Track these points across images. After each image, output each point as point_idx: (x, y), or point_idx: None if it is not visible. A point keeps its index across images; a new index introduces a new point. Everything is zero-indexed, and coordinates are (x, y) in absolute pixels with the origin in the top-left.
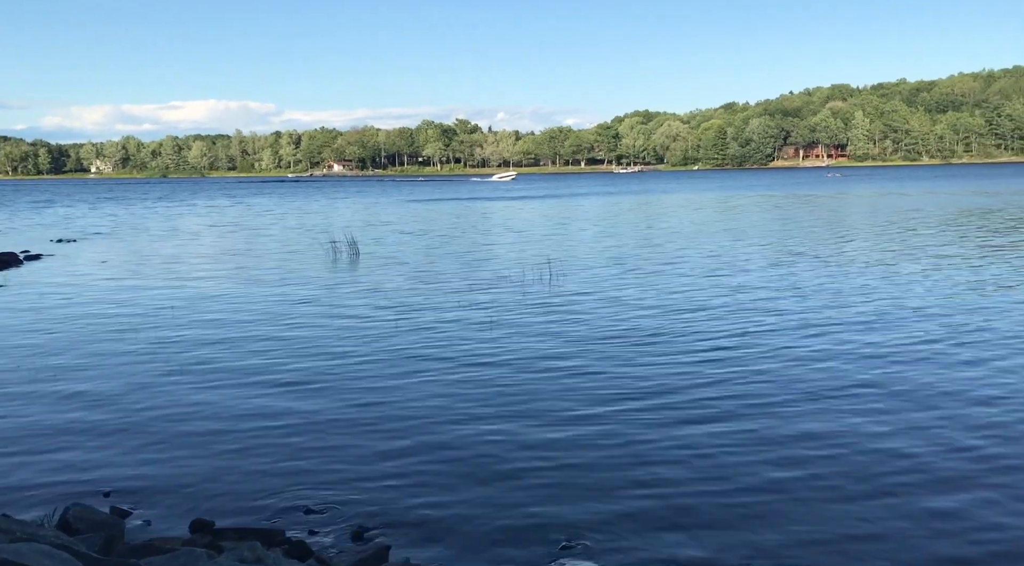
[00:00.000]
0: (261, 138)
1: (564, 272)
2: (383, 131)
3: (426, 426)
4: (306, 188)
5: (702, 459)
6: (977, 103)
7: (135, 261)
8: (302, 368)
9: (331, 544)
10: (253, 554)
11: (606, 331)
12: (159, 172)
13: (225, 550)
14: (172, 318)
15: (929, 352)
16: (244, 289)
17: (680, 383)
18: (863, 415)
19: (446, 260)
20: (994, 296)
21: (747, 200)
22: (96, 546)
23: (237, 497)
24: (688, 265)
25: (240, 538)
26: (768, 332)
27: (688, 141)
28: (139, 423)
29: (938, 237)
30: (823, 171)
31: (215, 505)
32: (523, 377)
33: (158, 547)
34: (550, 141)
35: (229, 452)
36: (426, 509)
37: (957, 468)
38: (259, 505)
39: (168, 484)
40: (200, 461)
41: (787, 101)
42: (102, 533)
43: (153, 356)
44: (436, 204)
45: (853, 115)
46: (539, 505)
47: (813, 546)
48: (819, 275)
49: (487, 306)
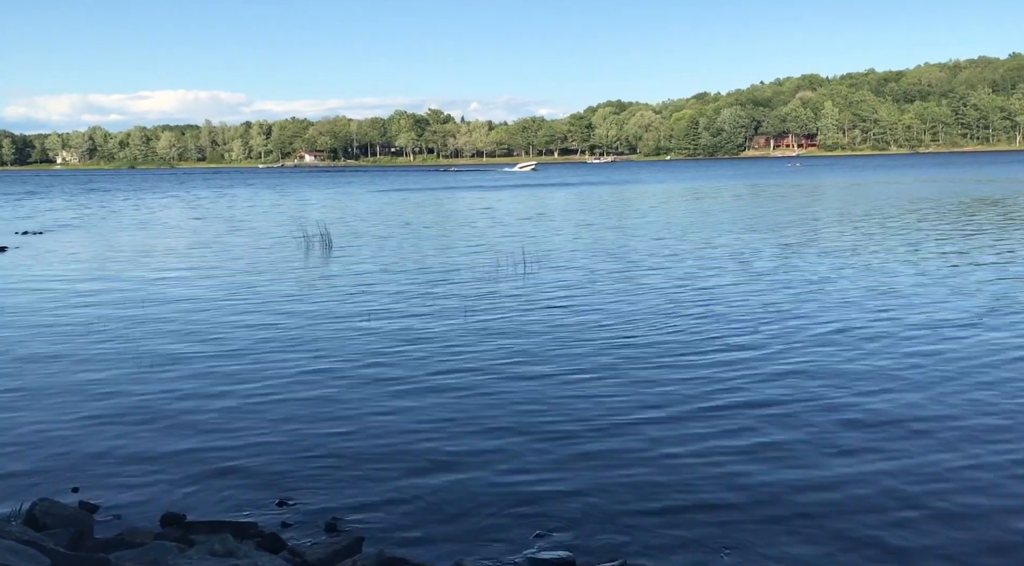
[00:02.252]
0: (231, 129)
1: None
2: (355, 121)
3: (399, 419)
4: (298, 179)
5: (673, 447)
6: (944, 93)
7: (102, 254)
8: (273, 362)
9: (304, 536)
10: (224, 547)
11: (583, 323)
12: (127, 163)
13: (196, 543)
14: (139, 311)
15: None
16: (213, 282)
17: (648, 373)
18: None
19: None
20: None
21: (686, 190)
22: (64, 541)
23: (209, 491)
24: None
25: (212, 531)
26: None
27: (660, 131)
28: (106, 417)
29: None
30: (784, 161)
31: (187, 499)
32: (495, 369)
33: (128, 541)
34: (523, 131)
35: (200, 446)
36: (400, 501)
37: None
38: (232, 498)
39: (138, 478)
40: (171, 455)
41: (758, 91)
42: (70, 528)
43: (120, 350)
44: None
45: (823, 105)
46: (512, 495)
47: (777, 533)
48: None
49: (471, 296)
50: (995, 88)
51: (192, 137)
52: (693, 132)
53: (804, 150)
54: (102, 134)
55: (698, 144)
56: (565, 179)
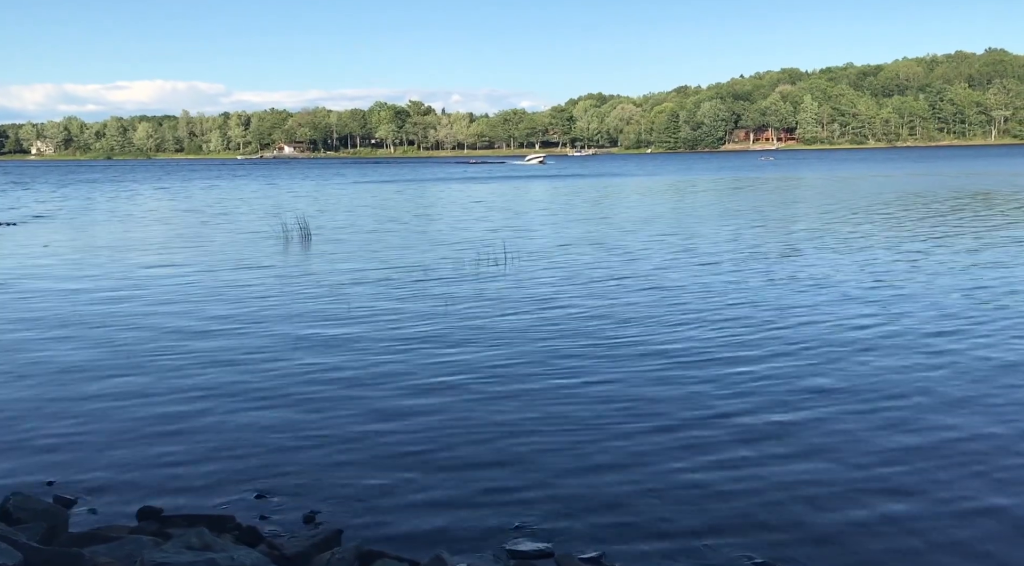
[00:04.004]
0: (209, 119)
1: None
2: (335, 112)
3: (378, 411)
4: (287, 170)
5: (650, 440)
6: (921, 88)
7: (78, 246)
8: (250, 354)
9: (282, 529)
10: (201, 540)
11: (565, 317)
12: (104, 154)
13: (173, 537)
14: (114, 304)
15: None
16: (190, 276)
17: (615, 367)
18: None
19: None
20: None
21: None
22: (38, 536)
23: (187, 484)
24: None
25: (189, 524)
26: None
27: (641, 124)
28: (82, 411)
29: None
30: (757, 155)
31: (164, 492)
32: (475, 363)
33: (103, 536)
34: (504, 123)
35: (177, 439)
36: (379, 494)
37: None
38: (209, 492)
39: (114, 472)
40: (147, 448)
41: (738, 85)
42: (44, 523)
43: (96, 343)
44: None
45: (802, 99)
46: (491, 489)
47: (753, 525)
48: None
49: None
50: (971, 83)
51: (170, 128)
52: (674, 125)
53: (784, 144)
54: (78, 124)
55: (678, 137)
56: (575, 171)
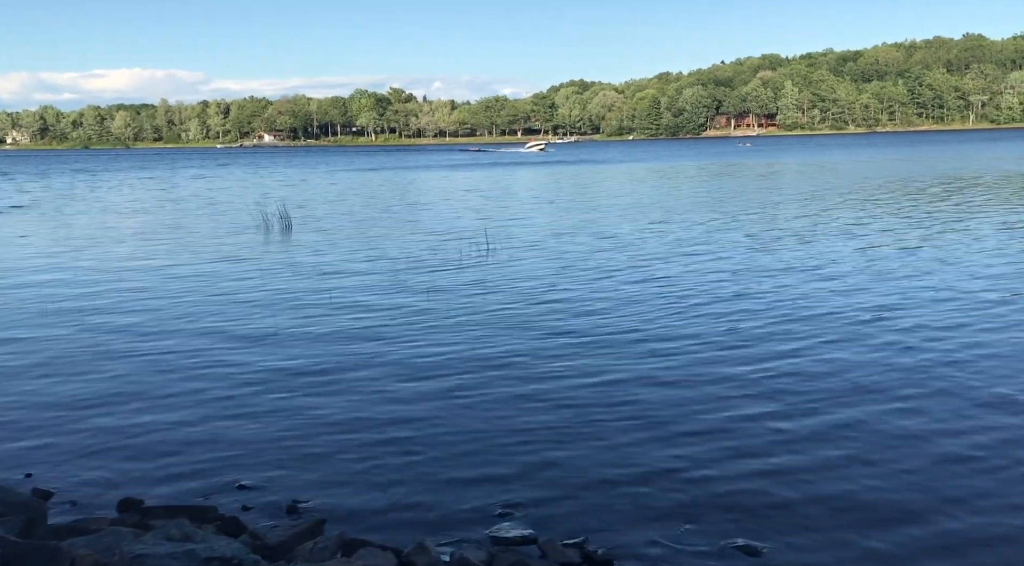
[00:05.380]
0: (188, 108)
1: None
2: (315, 100)
3: (360, 402)
4: (270, 158)
5: (634, 425)
6: (900, 73)
7: (57, 236)
8: (232, 345)
9: (265, 519)
10: (181, 531)
11: (545, 308)
12: (80, 143)
13: (153, 529)
14: (93, 295)
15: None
16: (170, 266)
17: (599, 350)
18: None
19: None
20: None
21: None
22: (15, 529)
23: (168, 475)
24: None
25: (170, 516)
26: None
27: (623, 111)
28: (63, 402)
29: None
30: (736, 142)
31: (145, 484)
32: (455, 350)
33: (82, 528)
34: (486, 110)
35: (160, 431)
36: (361, 482)
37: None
38: (191, 482)
39: (96, 464)
40: (130, 440)
41: (719, 71)
42: (22, 515)
43: (75, 334)
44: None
45: (783, 85)
46: (474, 475)
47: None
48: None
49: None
50: (949, 68)
51: (148, 116)
52: (655, 112)
53: (764, 130)
54: (54, 113)
55: (660, 124)
56: (559, 158)
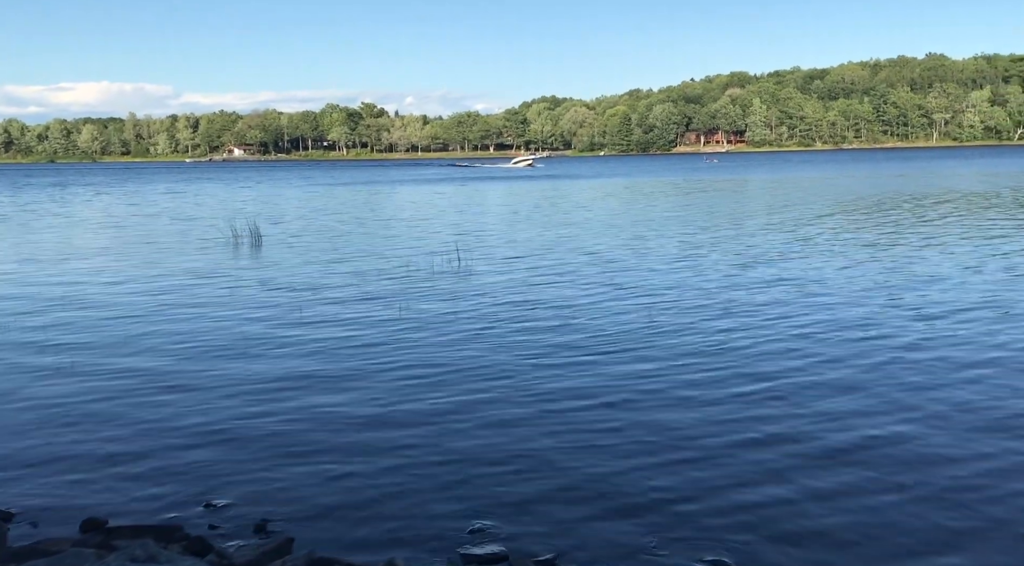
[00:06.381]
0: (157, 121)
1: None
2: (286, 114)
3: (330, 417)
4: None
5: (605, 441)
6: (865, 91)
7: (20, 253)
8: (197, 362)
9: (233, 538)
10: (146, 552)
11: (517, 318)
12: (46, 157)
13: (117, 549)
14: (54, 312)
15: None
16: (135, 283)
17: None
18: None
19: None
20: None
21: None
22: None
23: (134, 495)
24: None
25: (135, 536)
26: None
27: (594, 127)
28: (24, 420)
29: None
30: (702, 158)
31: (109, 504)
32: (431, 363)
33: (43, 550)
34: (458, 126)
35: (125, 450)
36: (331, 500)
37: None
38: (157, 502)
39: (58, 484)
40: (93, 459)
41: (689, 88)
42: None
43: (37, 351)
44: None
45: (751, 102)
46: (445, 492)
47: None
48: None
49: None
50: (913, 87)
51: (116, 130)
52: (626, 128)
53: (733, 146)
54: (19, 127)
55: (631, 140)
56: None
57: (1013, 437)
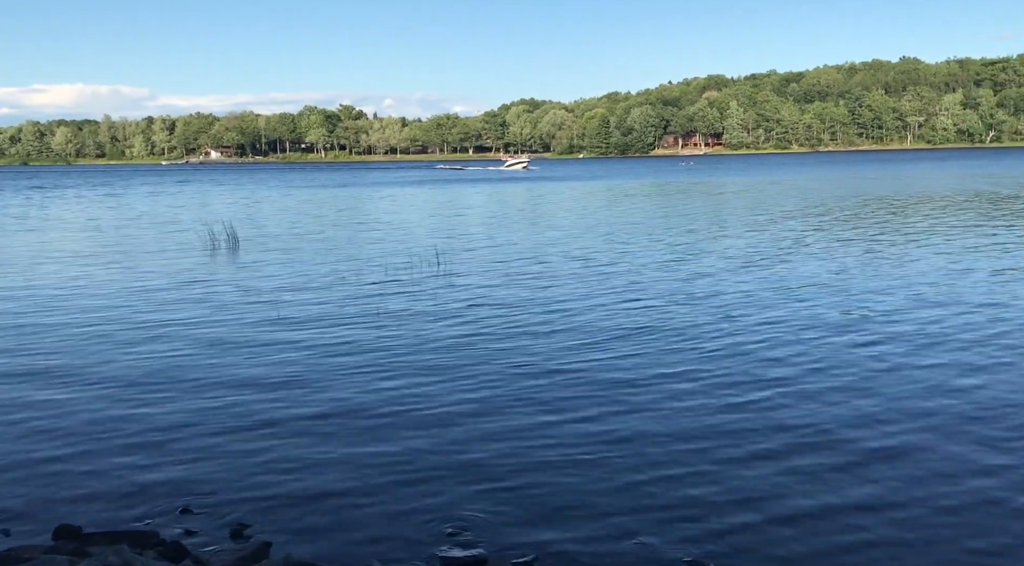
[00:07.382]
0: (132, 124)
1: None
2: (263, 116)
3: (306, 420)
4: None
5: (580, 444)
6: (841, 94)
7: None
8: (173, 364)
9: (209, 543)
10: (120, 558)
11: (497, 321)
12: (19, 159)
13: (91, 556)
14: (28, 318)
15: None
16: (110, 286)
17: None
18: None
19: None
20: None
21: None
22: None
23: (109, 501)
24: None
25: (110, 542)
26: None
27: (573, 130)
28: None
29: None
30: (678, 160)
31: (84, 510)
32: (408, 365)
33: (15, 557)
34: (437, 128)
35: (98, 454)
36: (308, 504)
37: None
38: (132, 508)
39: (30, 490)
40: (66, 465)
41: (667, 90)
42: None
43: (8, 356)
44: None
45: (728, 105)
46: (422, 495)
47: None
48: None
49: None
50: (887, 90)
51: (91, 132)
52: (605, 131)
53: (711, 148)
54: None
55: (610, 142)
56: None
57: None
